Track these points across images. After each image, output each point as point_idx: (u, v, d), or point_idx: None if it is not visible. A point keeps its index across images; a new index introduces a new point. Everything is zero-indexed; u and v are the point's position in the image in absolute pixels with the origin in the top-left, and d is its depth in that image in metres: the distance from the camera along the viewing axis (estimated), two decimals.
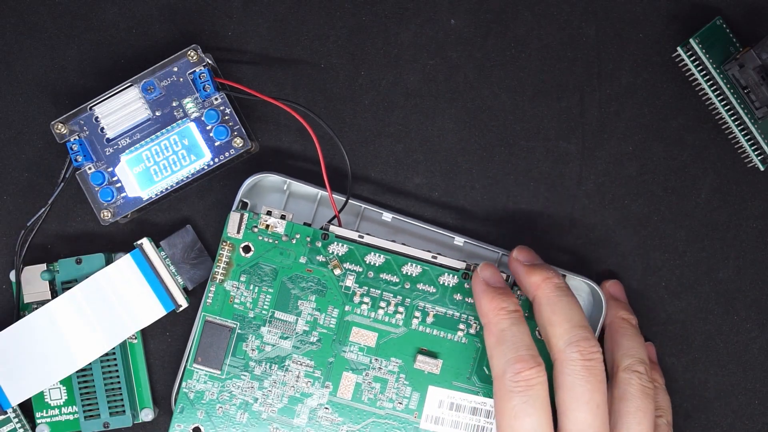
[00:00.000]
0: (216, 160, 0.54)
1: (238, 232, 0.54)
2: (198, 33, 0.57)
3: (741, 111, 0.55)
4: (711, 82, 0.55)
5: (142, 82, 0.54)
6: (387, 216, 0.56)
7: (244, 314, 0.54)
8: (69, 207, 0.57)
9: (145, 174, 0.54)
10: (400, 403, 0.54)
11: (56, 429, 0.56)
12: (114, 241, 0.57)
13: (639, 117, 0.57)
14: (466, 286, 0.54)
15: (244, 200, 0.55)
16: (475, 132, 0.57)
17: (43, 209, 0.55)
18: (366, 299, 0.54)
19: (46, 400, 0.56)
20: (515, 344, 0.51)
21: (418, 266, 0.54)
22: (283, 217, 0.54)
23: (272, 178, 0.56)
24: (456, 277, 0.54)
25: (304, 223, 0.54)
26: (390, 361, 0.54)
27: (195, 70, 0.54)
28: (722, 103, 0.55)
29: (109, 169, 0.55)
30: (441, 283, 0.54)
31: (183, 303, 0.55)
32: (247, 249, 0.54)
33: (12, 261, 0.56)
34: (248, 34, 0.57)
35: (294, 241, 0.54)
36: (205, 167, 0.55)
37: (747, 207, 0.57)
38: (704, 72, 0.55)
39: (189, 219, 0.57)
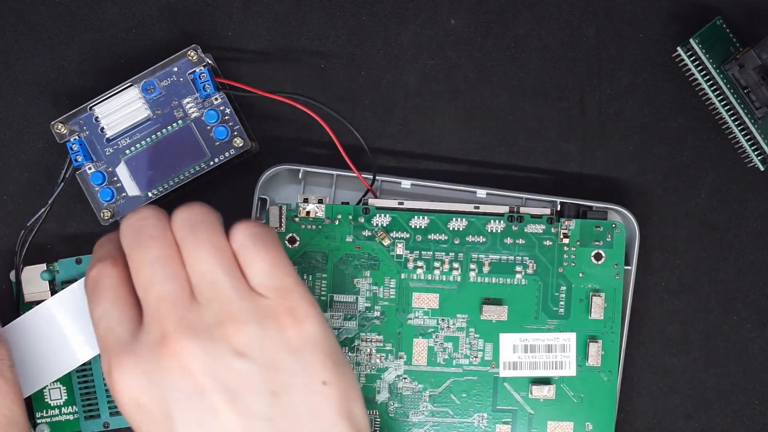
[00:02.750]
0: (216, 160, 0.55)
1: (280, 225, 0.54)
2: (198, 33, 0.57)
3: (741, 111, 0.55)
4: (711, 82, 0.55)
5: (142, 82, 0.54)
6: (406, 183, 0.56)
7: None
8: (69, 207, 0.57)
9: (145, 174, 0.54)
10: (476, 357, 0.55)
11: (56, 429, 0.56)
12: None
13: (639, 117, 0.57)
14: (513, 228, 0.54)
15: (263, 197, 0.55)
16: (475, 132, 0.57)
17: (43, 209, 0.55)
18: (420, 263, 0.55)
19: (46, 400, 0.56)
20: (91, 259, 0.49)
21: (463, 219, 0.54)
22: (320, 201, 0.54)
23: (283, 171, 0.56)
24: (502, 222, 0.54)
25: (342, 203, 0.54)
26: (457, 319, 0.55)
27: (195, 70, 0.54)
28: (722, 103, 0.55)
29: (109, 169, 0.55)
30: (489, 230, 0.54)
31: None
32: (292, 240, 0.54)
33: (12, 261, 0.56)
34: (248, 34, 0.57)
35: (336, 222, 0.54)
36: (205, 167, 0.55)
37: (747, 207, 0.57)
38: (704, 72, 0.55)
39: None
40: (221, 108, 0.54)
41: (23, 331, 0.53)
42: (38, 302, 0.55)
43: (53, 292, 0.55)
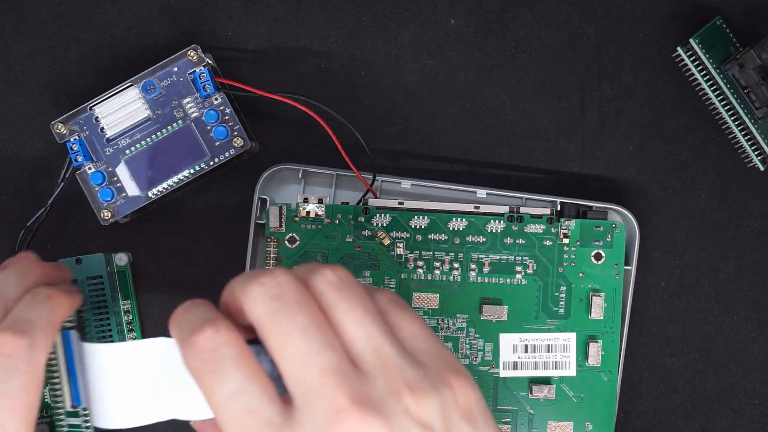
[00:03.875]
0: (216, 160, 0.55)
1: (280, 225, 0.54)
2: (198, 33, 0.57)
3: (741, 111, 0.55)
4: (711, 82, 0.55)
5: (142, 82, 0.54)
6: (406, 183, 0.56)
7: None
8: (69, 207, 0.57)
9: (145, 174, 0.54)
10: (476, 357, 0.55)
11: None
12: (114, 241, 0.57)
13: (639, 117, 0.57)
14: (513, 228, 0.55)
15: (263, 197, 0.55)
16: (475, 132, 0.57)
17: (43, 209, 0.55)
18: (420, 263, 0.55)
19: (46, 400, 0.56)
20: (188, 322, 0.41)
21: (463, 219, 0.55)
22: (320, 201, 0.54)
23: (283, 171, 0.56)
24: (502, 222, 0.55)
25: (342, 203, 0.55)
26: (456, 319, 0.55)
27: (195, 70, 0.54)
28: (722, 103, 0.55)
29: (109, 169, 0.55)
30: (489, 230, 0.55)
31: None
32: (292, 240, 0.54)
33: None
34: (248, 34, 0.57)
35: (337, 222, 0.54)
36: (205, 167, 0.55)
37: (747, 207, 0.57)
38: (704, 72, 0.55)
39: (189, 219, 0.57)
40: (221, 108, 0.54)
41: (141, 355, 0.46)
42: None
43: None
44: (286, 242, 0.54)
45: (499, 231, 0.55)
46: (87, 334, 0.55)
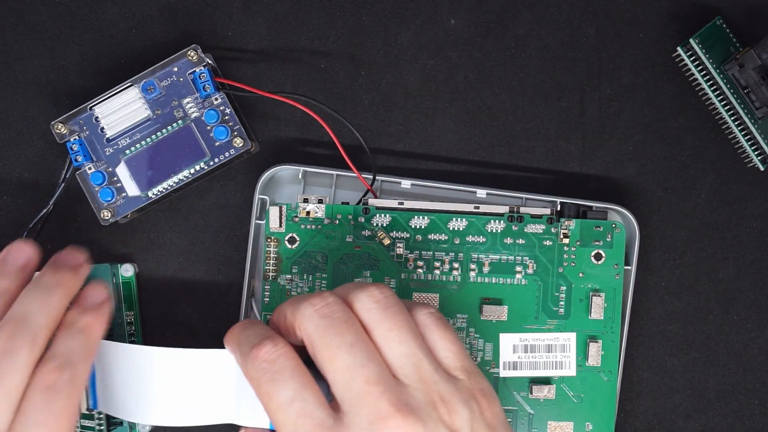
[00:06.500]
0: (216, 160, 0.55)
1: (280, 225, 0.54)
2: (198, 33, 0.57)
3: (741, 111, 0.55)
4: (711, 82, 0.55)
5: (142, 82, 0.54)
6: (406, 183, 0.56)
7: None
8: (69, 207, 0.57)
9: (145, 174, 0.54)
10: (476, 357, 0.55)
11: None
12: (114, 242, 0.57)
13: (639, 117, 0.57)
14: (513, 228, 0.55)
15: (262, 197, 0.55)
16: (475, 132, 0.57)
17: (45, 210, 0.55)
18: (420, 263, 0.55)
19: None
20: (248, 338, 0.46)
21: (463, 219, 0.55)
22: (320, 201, 0.54)
23: (283, 171, 0.56)
24: (502, 222, 0.55)
25: (342, 203, 0.55)
26: (456, 318, 0.55)
27: (195, 70, 0.54)
28: (722, 103, 0.55)
29: (109, 169, 0.55)
30: (489, 230, 0.55)
31: None
32: (292, 240, 0.54)
33: None
34: (248, 34, 0.57)
35: (336, 222, 0.54)
36: (205, 167, 0.55)
37: (747, 207, 0.57)
38: (704, 72, 0.55)
39: (189, 219, 0.57)
40: (221, 108, 0.54)
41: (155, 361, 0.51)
42: None
43: None
44: (286, 242, 0.54)
45: (499, 231, 0.55)
46: None
